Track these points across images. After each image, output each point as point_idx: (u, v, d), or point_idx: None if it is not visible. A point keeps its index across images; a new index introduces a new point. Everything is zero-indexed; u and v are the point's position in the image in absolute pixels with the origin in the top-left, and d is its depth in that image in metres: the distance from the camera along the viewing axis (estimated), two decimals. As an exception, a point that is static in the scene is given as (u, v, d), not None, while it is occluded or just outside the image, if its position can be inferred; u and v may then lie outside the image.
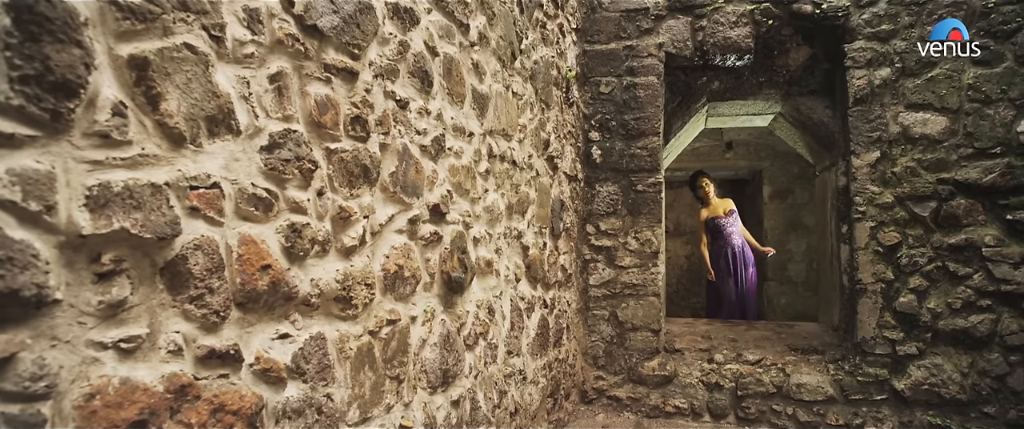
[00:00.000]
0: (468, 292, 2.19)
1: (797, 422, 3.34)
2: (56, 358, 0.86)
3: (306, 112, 1.37)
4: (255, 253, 1.22)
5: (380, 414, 1.64)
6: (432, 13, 1.95)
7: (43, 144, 0.85)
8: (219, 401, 1.12)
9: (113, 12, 0.94)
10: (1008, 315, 3.09)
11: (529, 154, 2.83)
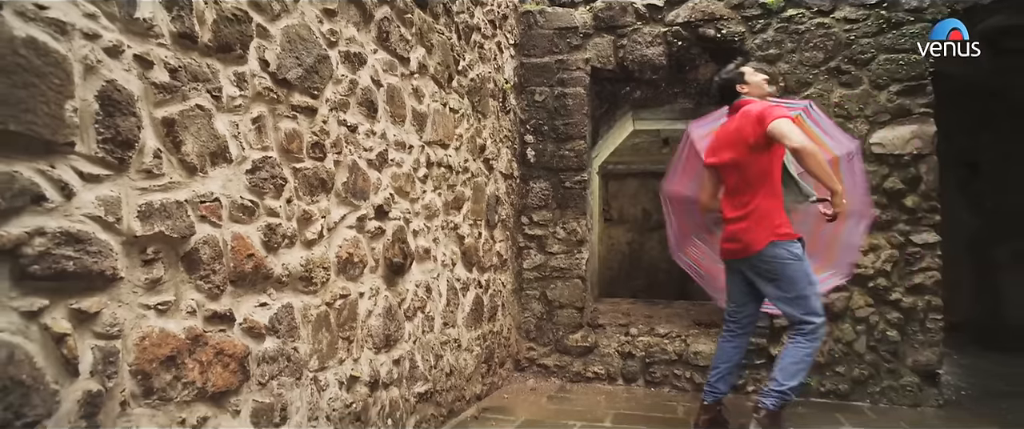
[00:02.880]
0: (408, 274, 2.73)
1: (693, 383, 3.98)
2: (121, 313, 1.37)
3: (278, 142, 1.88)
4: (243, 246, 1.73)
5: (334, 365, 2.17)
6: (378, 53, 2.46)
7: (113, 179, 1.35)
8: (220, 347, 1.64)
9: (152, 90, 1.44)
10: (858, 293, 3.77)
11: (465, 159, 3.37)
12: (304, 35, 2.00)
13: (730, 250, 2.88)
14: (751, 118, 2.69)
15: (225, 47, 1.66)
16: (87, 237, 1.28)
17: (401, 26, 2.63)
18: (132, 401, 1.39)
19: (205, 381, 1.59)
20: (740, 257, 2.83)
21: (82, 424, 1.26)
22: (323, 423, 2.10)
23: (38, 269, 1.18)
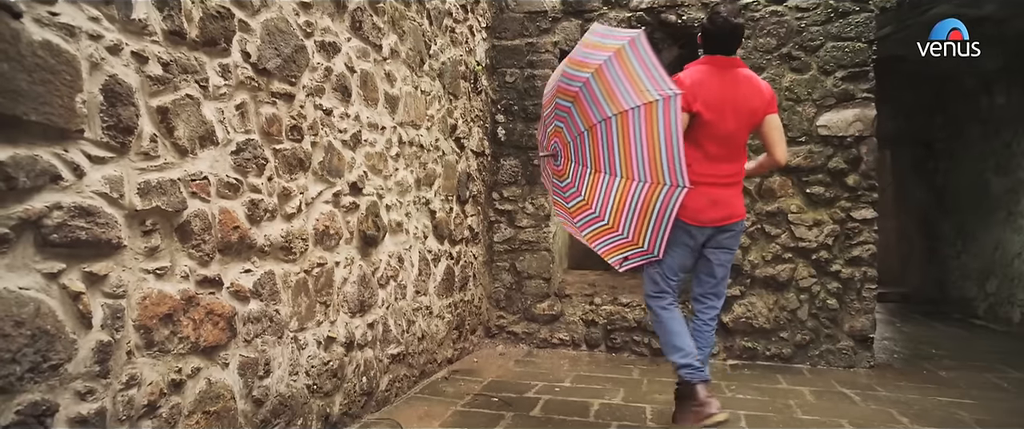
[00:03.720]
0: (381, 245, 2.96)
1: (651, 349, 4.29)
2: (125, 277, 1.60)
3: (260, 126, 2.09)
4: (229, 219, 1.95)
5: (313, 326, 2.42)
6: (351, 41, 2.65)
7: (116, 161, 1.56)
8: (210, 307, 1.88)
9: (148, 82, 1.65)
10: (802, 265, 4.08)
11: (437, 138, 3.58)
12: (282, 27, 2.19)
13: (714, 217, 2.61)
14: (765, 96, 2.65)
15: (211, 41, 1.86)
16: (96, 210, 1.49)
17: (374, 15, 2.82)
18: (136, 351, 1.62)
19: (198, 337, 1.83)
20: (721, 224, 2.64)
21: (95, 368, 1.50)
22: (303, 377, 2.35)
23: (57, 237, 1.40)
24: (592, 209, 2.63)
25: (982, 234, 5.84)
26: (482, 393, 3.25)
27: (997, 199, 5.62)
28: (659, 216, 2.48)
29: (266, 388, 2.14)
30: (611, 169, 2.54)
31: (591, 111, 2.55)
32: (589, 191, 2.64)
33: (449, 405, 3.03)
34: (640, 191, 2.48)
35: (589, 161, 2.62)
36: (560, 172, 2.81)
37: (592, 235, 2.68)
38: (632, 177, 2.49)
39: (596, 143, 2.57)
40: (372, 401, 2.88)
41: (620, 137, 2.48)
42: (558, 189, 2.87)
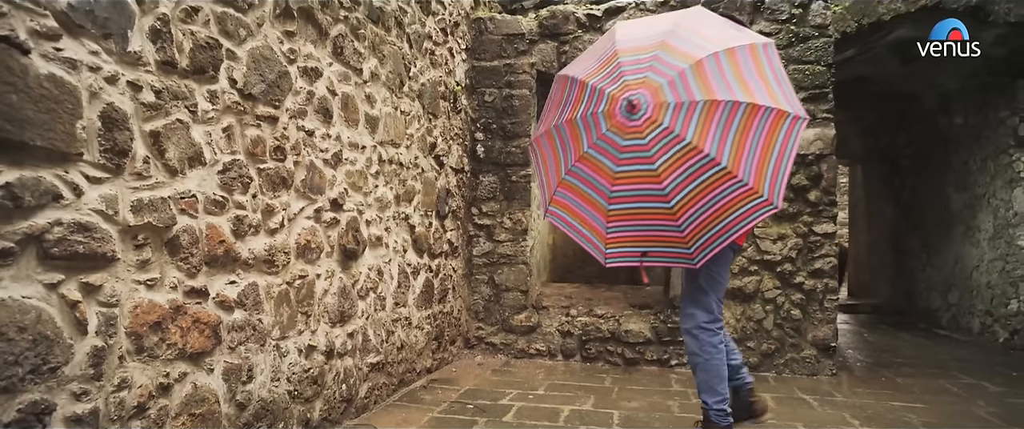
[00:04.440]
0: (362, 259, 3.10)
1: (624, 358, 4.44)
2: (118, 287, 1.73)
3: (245, 147, 2.24)
4: (215, 234, 2.10)
5: (294, 335, 2.55)
6: (333, 65, 2.82)
7: (112, 181, 1.70)
8: (197, 316, 2.01)
9: (142, 108, 1.79)
10: (768, 277, 4.27)
11: (416, 156, 3.74)
12: (267, 55, 2.35)
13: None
14: None
15: (200, 70, 2.01)
16: (93, 226, 1.63)
17: (355, 41, 2.99)
18: (127, 356, 1.75)
19: (185, 343, 1.96)
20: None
21: (90, 371, 1.63)
22: (284, 383, 2.48)
23: (57, 251, 1.54)
24: (660, 184, 2.17)
25: (944, 248, 6.08)
26: (458, 400, 3.38)
27: (956, 214, 5.86)
28: (729, 225, 2.17)
29: (249, 393, 2.27)
30: (718, 153, 2.13)
31: (718, 86, 2.17)
32: (667, 165, 2.16)
33: (426, 412, 3.16)
34: (733, 190, 2.14)
35: (690, 134, 2.13)
36: (630, 127, 2.20)
37: (625, 213, 2.28)
38: (735, 173, 2.12)
39: (710, 120, 2.15)
40: (352, 407, 3.01)
41: (741, 128, 2.14)
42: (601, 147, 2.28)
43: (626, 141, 2.20)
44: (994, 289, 5.21)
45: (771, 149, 2.14)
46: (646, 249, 2.30)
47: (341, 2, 2.85)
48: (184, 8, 1.94)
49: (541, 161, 2.53)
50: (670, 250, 2.27)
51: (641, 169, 2.19)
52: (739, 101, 2.12)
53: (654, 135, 2.15)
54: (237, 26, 2.18)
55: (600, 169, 2.27)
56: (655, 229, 2.25)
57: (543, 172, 2.53)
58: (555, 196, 2.43)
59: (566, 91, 2.46)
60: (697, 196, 2.14)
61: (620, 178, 2.23)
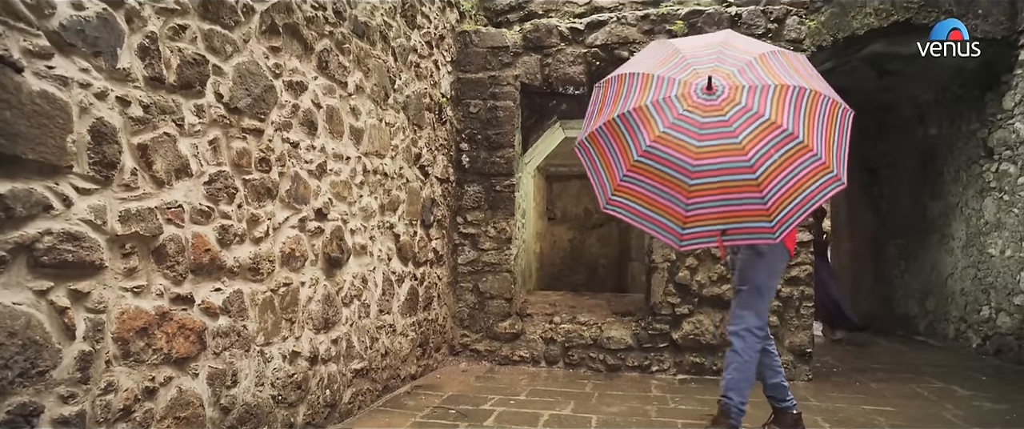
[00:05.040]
0: (346, 267, 3.18)
1: (606, 365, 4.52)
2: (106, 294, 1.80)
3: (231, 159, 2.32)
4: (201, 243, 2.17)
5: (279, 341, 2.62)
6: (318, 79, 2.90)
7: (101, 192, 1.78)
8: (182, 322, 2.08)
9: (131, 122, 1.87)
10: (746, 284, 4.37)
11: (401, 166, 3.83)
12: (253, 70, 2.43)
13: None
14: None
15: (187, 85, 2.09)
16: (82, 235, 1.71)
17: (340, 55, 3.07)
18: (114, 361, 1.82)
19: (170, 348, 2.03)
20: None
21: (77, 375, 1.69)
22: (268, 388, 2.55)
23: (47, 259, 1.61)
24: (746, 156, 2.23)
25: (921, 255, 6.22)
26: (441, 406, 3.45)
27: (932, 223, 6.00)
28: (807, 198, 2.22)
29: (233, 397, 2.34)
30: (795, 128, 2.24)
31: (782, 73, 2.35)
32: (751, 138, 2.24)
33: (409, 417, 3.23)
34: (810, 164, 2.23)
35: (768, 111, 2.26)
36: (709, 106, 2.31)
37: (708, 187, 2.28)
38: (810, 147, 2.22)
39: (783, 101, 2.29)
40: (335, 413, 3.07)
41: (808, 110, 2.29)
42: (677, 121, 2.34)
43: (706, 118, 2.28)
44: (967, 296, 5.34)
45: (833, 131, 2.28)
46: (726, 226, 2.30)
47: (326, 18, 2.94)
48: (172, 26, 2.03)
49: (598, 154, 2.50)
50: (751, 225, 2.28)
51: (725, 143, 2.25)
52: (804, 87, 2.29)
53: (734, 112, 2.26)
54: (223, 42, 2.27)
55: (681, 147, 2.29)
56: (739, 203, 2.26)
57: (601, 165, 2.50)
58: (622, 182, 2.39)
59: (625, 85, 2.51)
60: (780, 167, 2.21)
61: (703, 153, 2.26)
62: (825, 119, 2.29)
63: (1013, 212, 4.71)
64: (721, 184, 2.25)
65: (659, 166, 2.32)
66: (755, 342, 2.71)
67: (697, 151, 2.27)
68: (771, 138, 2.23)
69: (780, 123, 2.24)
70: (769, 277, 2.75)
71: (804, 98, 2.29)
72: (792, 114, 2.26)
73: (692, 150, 2.27)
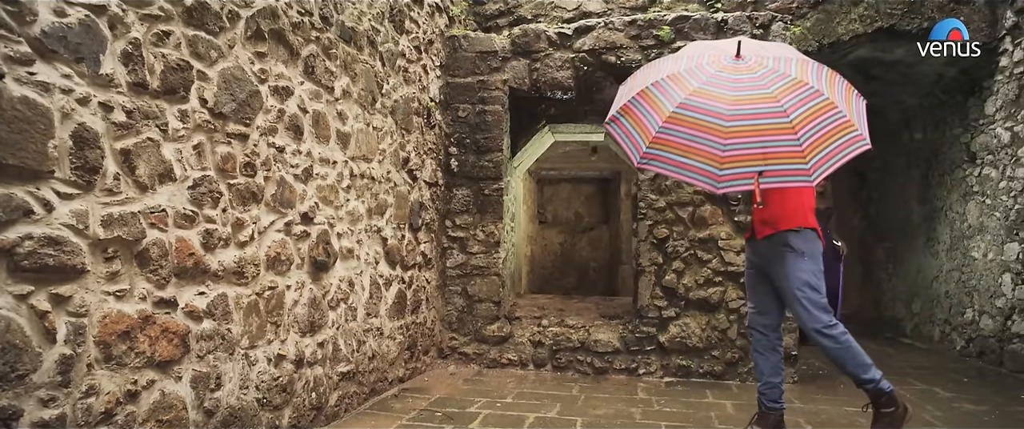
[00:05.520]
0: (333, 270, 3.19)
1: (593, 367, 4.55)
2: (88, 298, 1.82)
3: (215, 163, 2.34)
4: (185, 247, 2.19)
5: (264, 345, 2.64)
6: (304, 84, 2.92)
7: (83, 197, 1.79)
8: (165, 326, 2.10)
9: (113, 127, 1.89)
10: (732, 288, 4.41)
11: (388, 170, 3.85)
12: (238, 75, 2.45)
13: None
14: None
15: (171, 90, 2.11)
16: (63, 240, 1.72)
17: (326, 60, 3.10)
18: (96, 364, 1.84)
19: (153, 352, 2.04)
20: None
21: (58, 378, 1.71)
22: (253, 391, 2.56)
23: (27, 263, 1.62)
24: (778, 102, 2.37)
25: (908, 258, 6.28)
26: (428, 408, 3.47)
27: (918, 226, 6.06)
28: (839, 147, 2.32)
29: (217, 400, 2.35)
30: (820, 87, 2.42)
31: (801, 59, 2.55)
32: (782, 90, 2.40)
33: (395, 419, 3.25)
34: (837, 118, 2.35)
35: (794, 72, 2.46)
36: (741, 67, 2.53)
37: (744, 130, 2.38)
38: (836, 105, 2.37)
39: (806, 69, 2.50)
40: (321, 415, 3.09)
41: (828, 80, 2.48)
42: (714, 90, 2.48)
43: (738, 75, 2.49)
44: (952, 298, 5.39)
45: (852, 102, 2.45)
46: (763, 168, 2.36)
47: (312, 24, 2.96)
48: (156, 32, 2.05)
49: (630, 121, 2.59)
50: (788, 167, 2.34)
51: (759, 93, 2.42)
52: (823, 65, 2.55)
53: (763, 72, 2.47)
54: (208, 48, 2.29)
55: (718, 97, 2.44)
56: (774, 144, 2.35)
57: (633, 129, 2.59)
58: (657, 135, 2.48)
59: (654, 66, 2.75)
60: (810, 117, 2.34)
61: (739, 101, 2.41)
62: (845, 91, 2.49)
63: (995, 216, 4.77)
64: (757, 127, 2.37)
65: (694, 115, 2.44)
66: (840, 330, 2.74)
67: (732, 99, 2.41)
68: (800, 92, 2.39)
69: (807, 81, 2.41)
70: (817, 269, 2.78)
71: (823, 72, 2.51)
72: (816, 78, 2.44)
73: (727, 99, 2.42)
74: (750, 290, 3.11)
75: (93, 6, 1.80)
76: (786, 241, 2.80)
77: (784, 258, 2.80)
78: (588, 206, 9.33)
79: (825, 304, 2.77)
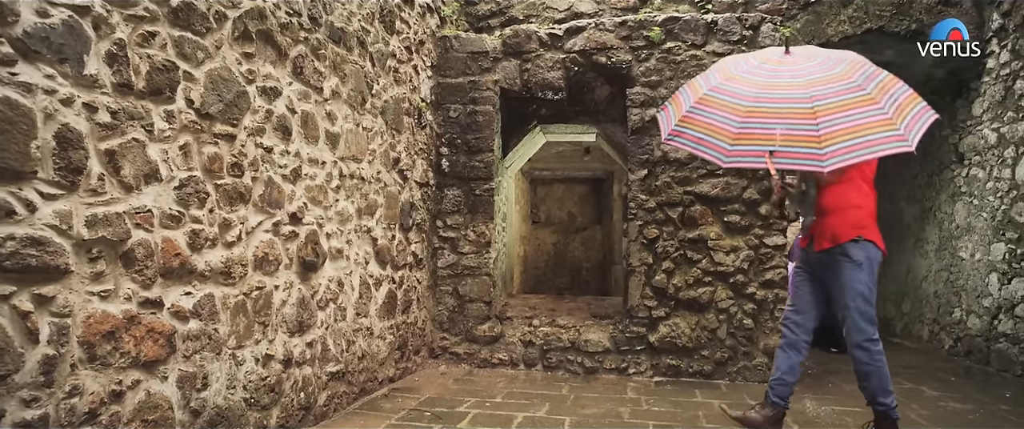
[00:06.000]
0: (322, 270, 3.20)
1: (584, 367, 4.57)
2: (71, 298, 1.82)
3: (202, 163, 2.34)
4: (171, 247, 2.19)
5: (251, 345, 2.64)
6: (293, 85, 2.93)
7: (66, 197, 1.80)
8: (151, 326, 2.10)
9: (98, 128, 1.89)
10: (721, 288, 4.43)
11: (378, 170, 3.85)
12: (225, 75, 2.46)
13: None
14: None
15: (156, 91, 2.12)
16: (46, 240, 1.72)
17: (315, 60, 3.10)
18: (79, 364, 1.84)
19: (138, 352, 2.05)
20: None
21: (41, 379, 1.71)
22: (240, 391, 2.56)
23: (9, 264, 1.62)
24: (806, 90, 2.49)
25: (898, 258, 6.32)
26: (417, 408, 3.48)
27: (908, 227, 6.10)
28: (865, 143, 2.35)
29: (203, 400, 2.36)
30: (864, 83, 2.47)
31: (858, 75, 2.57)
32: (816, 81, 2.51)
33: (384, 419, 3.25)
34: (874, 115, 2.38)
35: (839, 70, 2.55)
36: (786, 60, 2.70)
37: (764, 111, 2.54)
38: (878, 102, 2.40)
39: (856, 67, 2.57)
40: (310, 415, 3.09)
41: (883, 82, 2.50)
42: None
43: (780, 68, 2.66)
44: (940, 298, 5.43)
45: (914, 103, 2.45)
46: (776, 148, 2.49)
47: (301, 24, 2.97)
48: (141, 33, 2.05)
49: (675, 103, 2.90)
50: (801, 150, 2.43)
51: (789, 81, 2.58)
52: (884, 71, 2.55)
53: (807, 65, 2.61)
54: (195, 49, 2.29)
55: (750, 83, 2.65)
56: (791, 128, 2.46)
57: (673, 109, 2.90)
58: (686, 114, 2.76)
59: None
60: (837, 109, 2.41)
61: (768, 87, 2.59)
62: (907, 93, 2.49)
63: (982, 216, 4.81)
64: (776, 110, 2.51)
65: (722, 96, 2.67)
66: (879, 348, 2.82)
67: (763, 85, 2.61)
68: (837, 86, 2.47)
69: (851, 78, 2.49)
70: (872, 281, 2.82)
71: (880, 76, 2.53)
72: (864, 78, 2.50)
73: (758, 85, 2.62)
74: (794, 289, 3.16)
75: (77, 7, 1.80)
76: (845, 251, 2.82)
77: (842, 268, 2.82)
78: (581, 206, 9.35)
79: (873, 317, 2.82)
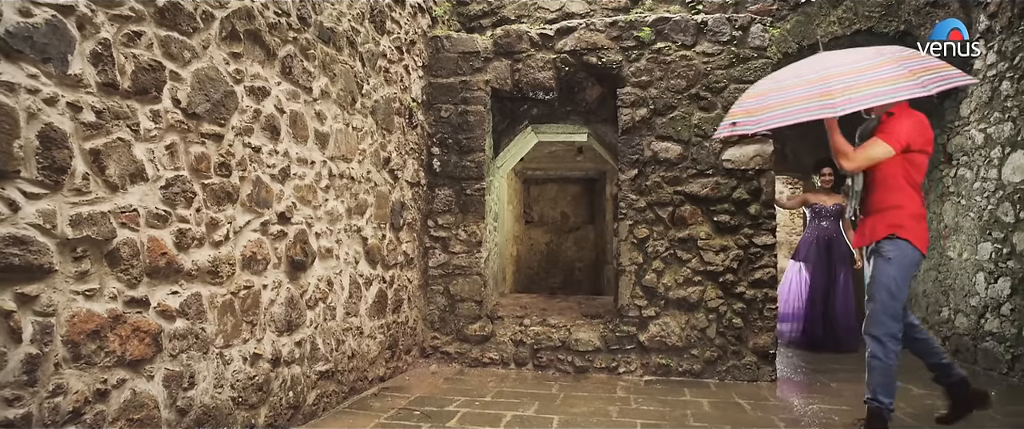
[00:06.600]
0: (311, 270, 3.20)
1: (574, 366, 4.58)
2: (56, 297, 1.82)
3: (189, 163, 2.34)
4: (157, 246, 2.19)
5: (239, 344, 2.64)
6: (281, 84, 2.93)
7: (50, 196, 1.80)
8: (137, 325, 2.10)
9: (82, 127, 1.89)
10: (711, 287, 4.45)
11: (369, 170, 3.86)
12: (212, 75, 2.46)
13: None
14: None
15: (142, 91, 2.12)
16: (29, 240, 1.73)
17: (304, 60, 3.10)
18: (64, 363, 1.84)
19: (124, 351, 2.05)
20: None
21: (23, 378, 1.71)
22: (228, 390, 2.57)
23: (-7, 263, 1.63)
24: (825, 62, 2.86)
25: (887, 258, 6.34)
26: (406, 407, 3.48)
27: (897, 226, 6.13)
28: (879, 93, 2.58)
29: (190, 399, 2.36)
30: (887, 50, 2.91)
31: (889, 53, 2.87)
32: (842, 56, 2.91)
33: (373, 418, 3.26)
34: (891, 72, 2.64)
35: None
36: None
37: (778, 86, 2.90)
38: (895, 59, 2.73)
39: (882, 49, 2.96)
40: (299, 414, 3.10)
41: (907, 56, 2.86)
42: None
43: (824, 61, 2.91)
44: (929, 297, 5.47)
45: (943, 68, 2.71)
46: (781, 111, 2.80)
47: (290, 24, 2.97)
48: (126, 32, 2.05)
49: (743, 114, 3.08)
50: (810, 104, 2.67)
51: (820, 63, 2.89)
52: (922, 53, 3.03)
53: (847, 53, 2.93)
54: (181, 49, 2.29)
55: (790, 72, 3.01)
56: (795, 92, 2.78)
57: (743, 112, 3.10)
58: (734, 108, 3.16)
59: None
60: (854, 72, 2.68)
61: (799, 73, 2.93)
62: (931, 61, 2.84)
63: (969, 216, 4.84)
64: (792, 84, 2.85)
65: (761, 86, 3.10)
66: (896, 346, 2.84)
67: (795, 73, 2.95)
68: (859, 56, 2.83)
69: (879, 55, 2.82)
70: (901, 279, 2.85)
71: (916, 60, 2.80)
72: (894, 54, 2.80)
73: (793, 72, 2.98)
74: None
75: (60, 6, 1.80)
76: (878, 248, 2.94)
77: (875, 262, 2.95)
78: (574, 206, 9.36)
79: (898, 314, 2.85)
